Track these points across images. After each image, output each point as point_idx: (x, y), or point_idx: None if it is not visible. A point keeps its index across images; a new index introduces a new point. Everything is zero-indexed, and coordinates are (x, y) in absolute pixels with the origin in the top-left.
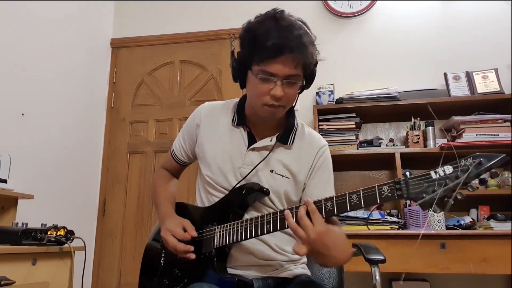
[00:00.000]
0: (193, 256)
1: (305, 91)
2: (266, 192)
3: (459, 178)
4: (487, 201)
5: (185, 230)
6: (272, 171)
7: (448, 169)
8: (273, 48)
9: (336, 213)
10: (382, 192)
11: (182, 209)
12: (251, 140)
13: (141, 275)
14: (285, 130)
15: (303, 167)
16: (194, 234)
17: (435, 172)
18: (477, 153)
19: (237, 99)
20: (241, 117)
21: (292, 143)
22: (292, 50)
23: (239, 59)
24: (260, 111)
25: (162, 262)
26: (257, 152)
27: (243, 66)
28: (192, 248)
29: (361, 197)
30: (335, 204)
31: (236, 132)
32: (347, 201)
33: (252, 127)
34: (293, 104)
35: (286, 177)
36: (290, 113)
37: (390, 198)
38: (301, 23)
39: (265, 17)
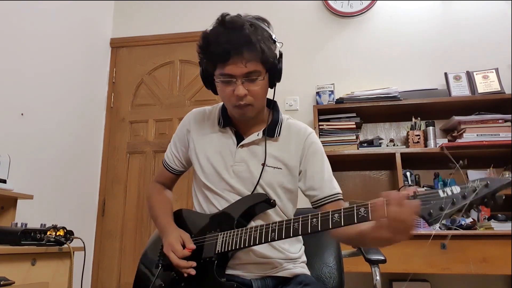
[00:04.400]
0: (193, 272)
1: (305, 91)
2: (273, 204)
3: (466, 199)
4: None
5: (184, 245)
6: (263, 164)
7: (456, 189)
8: (221, 53)
9: (343, 224)
10: None
11: (184, 216)
12: (239, 138)
13: (138, 278)
14: (270, 124)
15: (294, 155)
16: (192, 246)
17: (443, 191)
18: (485, 177)
19: (222, 103)
20: (226, 119)
21: (279, 135)
22: (238, 50)
23: (203, 68)
24: (233, 112)
25: (160, 265)
26: (246, 148)
27: (208, 74)
28: (194, 264)
29: (369, 210)
30: (342, 216)
31: (224, 133)
32: (355, 213)
33: (238, 126)
34: (272, 98)
35: (279, 168)
36: (274, 109)
37: None
38: (252, 21)
39: (214, 24)
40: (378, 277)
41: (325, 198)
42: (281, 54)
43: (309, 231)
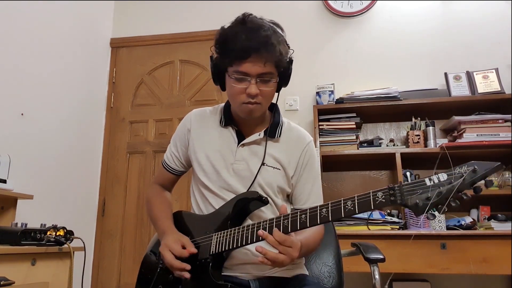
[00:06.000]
0: (187, 275)
1: (305, 91)
2: (265, 201)
3: (453, 186)
4: (487, 201)
5: (183, 247)
6: (264, 164)
7: (443, 176)
8: (241, 50)
9: (330, 219)
10: (376, 198)
11: (182, 218)
12: (240, 137)
13: (137, 280)
14: (271, 125)
15: (292, 159)
16: (193, 250)
17: (430, 179)
18: (472, 161)
19: (223, 104)
20: (228, 118)
21: (279, 137)
22: (258, 50)
23: (215, 63)
24: (239, 110)
25: (159, 268)
26: (247, 147)
27: (220, 70)
28: (188, 266)
29: (356, 204)
30: (330, 211)
31: (225, 131)
32: (342, 207)
33: (240, 126)
34: (275, 102)
35: (278, 169)
36: (275, 111)
37: (384, 204)
38: (270, 25)
39: (235, 22)
40: (377, 277)
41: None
42: (291, 61)
43: (298, 228)
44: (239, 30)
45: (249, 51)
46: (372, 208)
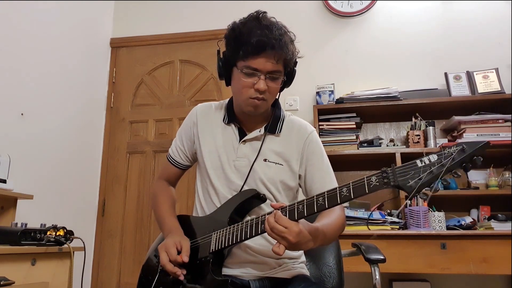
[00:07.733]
0: (181, 277)
1: (305, 91)
2: (263, 198)
3: (443, 165)
4: (487, 201)
5: (179, 252)
6: (265, 160)
7: (433, 157)
8: (257, 45)
9: (327, 206)
10: (370, 182)
11: (182, 222)
12: (242, 134)
13: (139, 280)
14: (272, 120)
15: (294, 152)
16: (185, 259)
17: (421, 161)
18: (461, 141)
19: (227, 100)
20: (231, 115)
21: (280, 131)
22: (273, 46)
23: (224, 57)
24: (244, 105)
25: (160, 268)
26: (248, 144)
27: (228, 64)
28: (179, 272)
29: (351, 189)
30: (326, 198)
31: (228, 129)
32: (338, 194)
33: (242, 123)
34: (277, 97)
35: (280, 164)
36: (276, 105)
37: (378, 187)
38: (283, 25)
39: (248, 18)
40: (377, 277)
41: None
42: (296, 62)
43: (296, 218)
44: (253, 25)
45: (264, 46)
46: (367, 192)
